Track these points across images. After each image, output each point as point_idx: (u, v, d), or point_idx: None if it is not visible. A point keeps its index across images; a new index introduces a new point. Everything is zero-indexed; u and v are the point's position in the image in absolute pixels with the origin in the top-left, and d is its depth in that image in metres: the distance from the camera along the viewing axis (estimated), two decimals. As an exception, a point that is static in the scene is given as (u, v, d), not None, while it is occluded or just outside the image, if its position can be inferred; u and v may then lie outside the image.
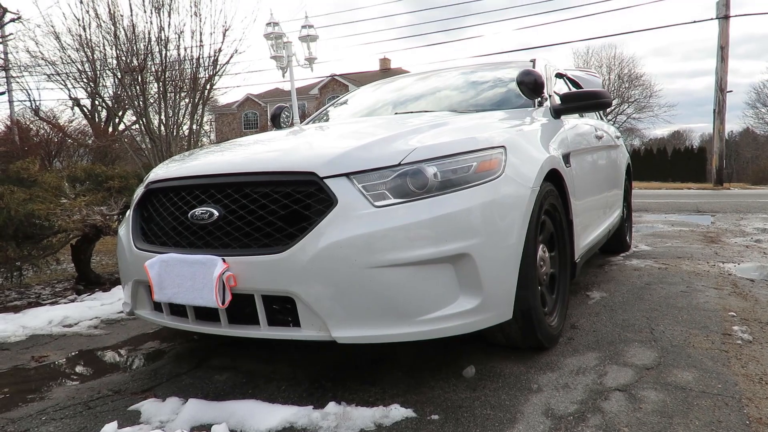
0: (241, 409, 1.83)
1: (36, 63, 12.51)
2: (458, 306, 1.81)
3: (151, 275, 1.94)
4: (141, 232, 2.18)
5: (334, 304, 1.74)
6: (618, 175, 4.13)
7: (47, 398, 2.05)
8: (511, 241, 1.94)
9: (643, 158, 36.53)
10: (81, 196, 3.78)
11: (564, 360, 2.17)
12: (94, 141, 13.33)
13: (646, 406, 1.76)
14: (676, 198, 11.51)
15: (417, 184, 1.82)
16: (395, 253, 1.72)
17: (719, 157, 18.38)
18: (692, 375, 1.98)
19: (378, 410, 1.77)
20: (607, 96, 2.84)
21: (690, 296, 3.06)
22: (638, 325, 2.56)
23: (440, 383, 1.99)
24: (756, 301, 2.95)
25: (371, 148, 1.94)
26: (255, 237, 1.84)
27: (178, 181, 2.08)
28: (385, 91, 3.69)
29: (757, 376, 1.97)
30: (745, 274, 3.63)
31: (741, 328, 2.47)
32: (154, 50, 7.55)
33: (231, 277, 1.79)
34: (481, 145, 2.00)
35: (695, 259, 4.21)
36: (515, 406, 1.79)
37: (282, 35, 10.96)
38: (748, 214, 7.66)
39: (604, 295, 3.16)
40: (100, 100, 13.16)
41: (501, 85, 3.19)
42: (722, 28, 17.88)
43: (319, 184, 1.80)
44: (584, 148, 3.08)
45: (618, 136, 4.49)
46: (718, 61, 18.06)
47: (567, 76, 3.83)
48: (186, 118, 8.05)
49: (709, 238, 5.34)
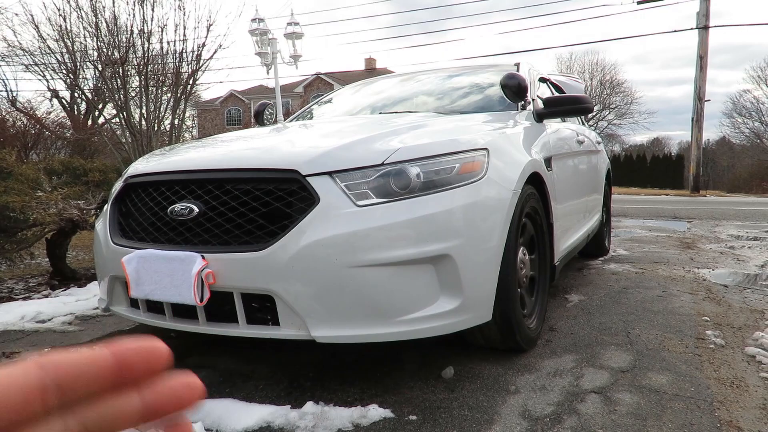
0: (217, 408, 1.81)
1: (13, 52, 12.25)
2: (438, 307, 1.82)
3: (128, 271, 1.91)
4: (119, 227, 2.14)
5: (314, 303, 1.73)
6: (598, 180, 4.18)
7: (18, 395, 2.00)
8: (492, 243, 1.95)
9: (623, 164, 37.12)
10: (58, 189, 3.71)
11: (542, 362, 2.19)
12: (73, 134, 13.09)
13: (620, 408, 1.78)
14: (654, 204, 11.70)
15: (400, 184, 1.82)
16: (376, 253, 1.72)
17: (696, 164, 18.73)
18: (666, 378, 2.01)
19: (356, 410, 1.77)
20: (589, 101, 2.88)
21: (665, 301, 3.11)
22: (615, 329, 2.60)
23: (419, 384, 1.99)
24: (729, 306, 3.01)
25: (354, 147, 1.94)
26: (235, 234, 1.82)
27: (158, 176, 2.06)
28: (369, 91, 3.69)
29: (729, 379, 2.01)
30: (719, 280, 3.70)
31: (714, 333, 2.51)
32: (136, 43, 7.45)
33: (210, 274, 1.77)
34: (464, 146, 2.00)
35: (671, 264, 4.28)
36: (493, 407, 1.80)
37: (267, 32, 10.88)
38: (723, 221, 7.82)
39: (583, 298, 3.20)
40: (80, 93, 12.94)
41: (485, 87, 3.21)
42: (702, 38, 18.24)
43: (301, 182, 1.79)
44: (566, 152, 3.11)
45: (599, 141, 4.54)
46: (697, 70, 18.41)
47: (550, 80, 3.87)
48: (168, 112, 7.95)
49: (685, 244, 5.44)
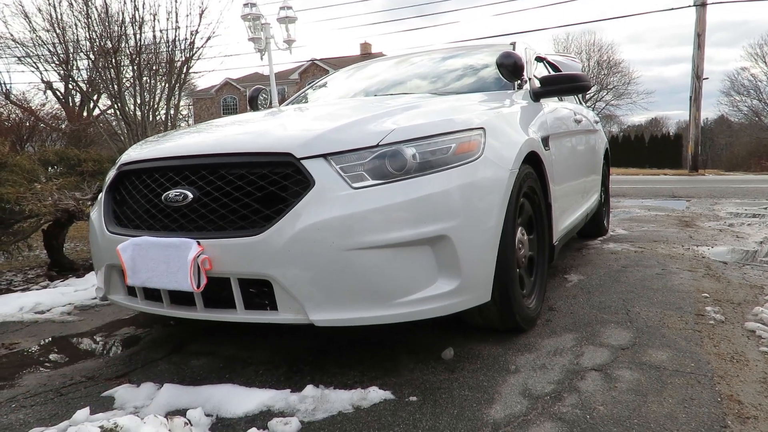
0: (217, 393, 1.80)
1: (5, 45, 12.13)
2: (437, 288, 1.81)
3: (124, 259, 1.89)
4: (113, 216, 2.12)
5: (311, 287, 1.72)
6: (596, 160, 4.16)
7: (17, 385, 2.00)
8: (490, 223, 1.93)
9: (622, 145, 37.05)
10: (53, 180, 3.68)
11: (541, 341, 2.19)
12: (68, 125, 13.01)
13: (621, 385, 1.78)
14: (653, 184, 11.68)
15: (395, 165, 1.80)
16: (373, 235, 1.71)
17: (695, 143, 18.67)
18: (666, 355, 2.01)
19: (356, 393, 1.77)
20: (587, 79, 2.84)
21: (665, 278, 3.10)
22: (614, 307, 2.60)
23: (419, 365, 1.99)
24: (728, 282, 3.01)
25: (349, 129, 1.91)
26: (230, 219, 1.80)
27: (152, 163, 2.03)
28: (364, 74, 3.65)
29: (729, 354, 2.01)
30: (718, 257, 3.70)
31: (714, 309, 2.51)
32: (128, 32, 7.37)
33: (206, 260, 1.76)
34: (460, 126, 1.98)
35: (670, 242, 4.27)
36: (493, 386, 1.80)
37: (260, 16, 10.77)
38: (722, 199, 7.81)
39: (582, 277, 3.19)
40: (74, 84, 12.84)
41: (481, 67, 3.17)
42: (699, 16, 18.06)
43: (295, 165, 1.77)
44: (563, 131, 3.08)
45: (597, 120, 4.51)
46: (694, 48, 18.25)
47: (547, 60, 3.83)
48: (162, 102, 7.90)
49: (684, 223, 5.43)
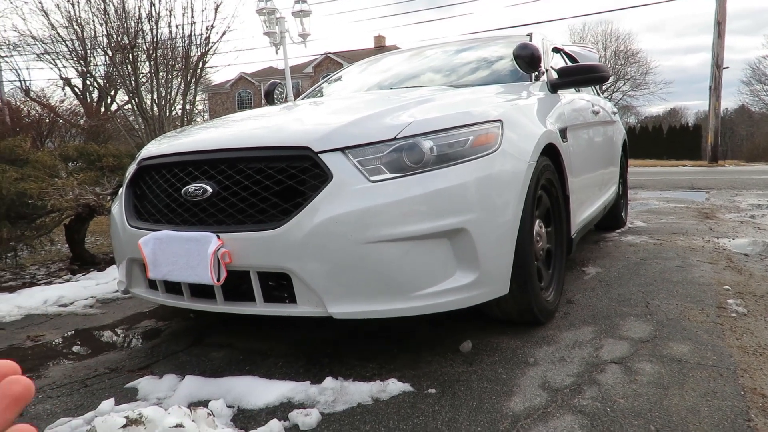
0: (238, 385, 1.83)
1: (25, 42, 12.30)
2: (455, 281, 1.81)
3: (145, 253, 1.92)
4: (134, 210, 2.15)
5: (330, 280, 1.73)
6: (614, 151, 4.11)
7: (44, 377, 2.05)
8: (508, 216, 1.92)
9: (639, 136, 36.49)
10: (73, 175, 3.74)
11: (560, 334, 2.18)
12: (86, 121, 13.18)
13: (641, 377, 1.77)
14: (672, 175, 11.52)
15: (413, 158, 1.80)
16: (391, 228, 1.71)
17: (714, 134, 18.35)
18: (687, 347, 1.99)
19: (375, 385, 1.78)
20: (605, 70, 2.81)
21: (685, 271, 3.07)
22: (634, 300, 2.57)
23: (437, 358, 2.00)
24: (750, 275, 2.97)
25: (366, 122, 1.92)
26: (249, 213, 1.82)
27: (171, 158, 2.06)
28: (378, 67, 3.64)
29: (752, 347, 1.99)
30: (739, 249, 3.64)
31: (736, 302, 2.48)
32: (145, 27, 7.43)
33: (226, 253, 1.78)
34: (477, 119, 1.97)
35: (690, 234, 4.22)
36: (512, 379, 1.80)
37: (275, 10, 10.78)
38: (743, 190, 7.67)
39: (600, 270, 3.17)
40: (92, 80, 12.99)
41: (496, 59, 3.15)
42: (720, 3, 17.70)
43: (313, 159, 1.78)
44: (581, 123, 3.05)
45: (614, 111, 4.46)
46: (714, 36, 17.90)
47: (564, 50, 3.79)
48: (179, 97, 7.96)
49: (704, 214, 5.35)
